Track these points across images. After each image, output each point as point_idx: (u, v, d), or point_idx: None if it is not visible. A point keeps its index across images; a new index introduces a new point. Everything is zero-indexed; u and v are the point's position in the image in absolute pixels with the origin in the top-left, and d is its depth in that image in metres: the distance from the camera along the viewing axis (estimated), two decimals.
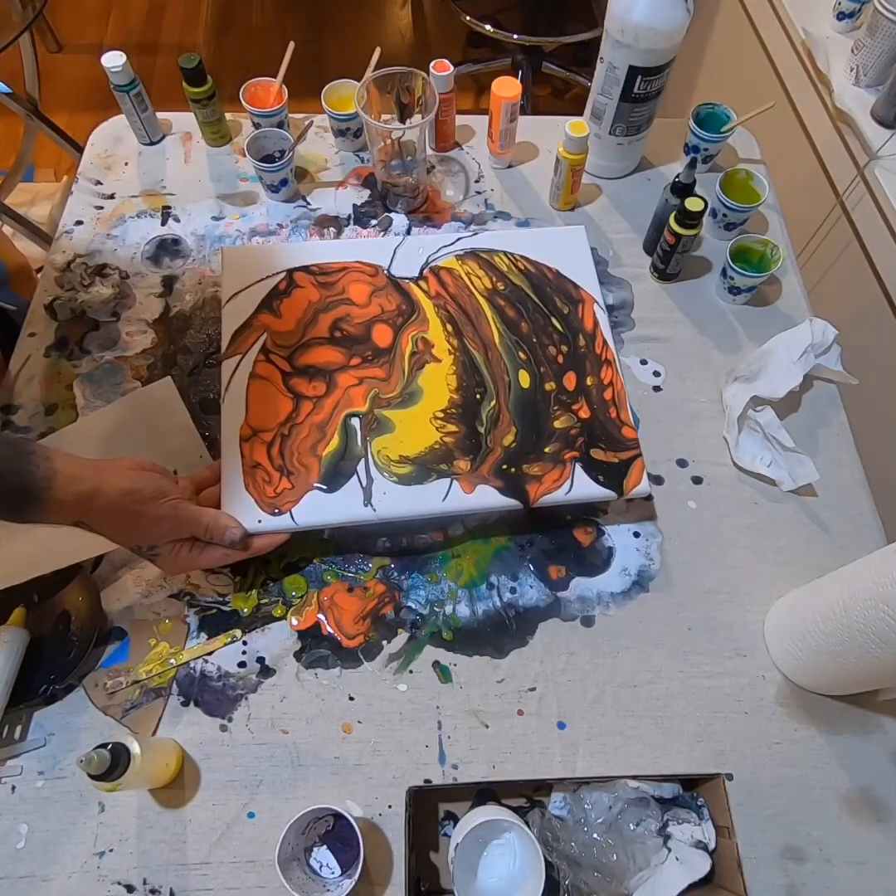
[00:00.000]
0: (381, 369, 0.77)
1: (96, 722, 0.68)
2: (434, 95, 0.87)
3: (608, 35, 0.87)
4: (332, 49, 2.39)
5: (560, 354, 0.80)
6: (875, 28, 1.06)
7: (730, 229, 0.95)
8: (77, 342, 0.88)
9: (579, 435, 0.76)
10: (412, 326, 0.81)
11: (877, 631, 0.56)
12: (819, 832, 0.66)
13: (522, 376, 0.78)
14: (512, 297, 0.84)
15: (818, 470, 0.80)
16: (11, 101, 1.62)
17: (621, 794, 0.63)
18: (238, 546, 0.69)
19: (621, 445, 0.76)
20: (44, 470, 0.59)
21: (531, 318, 0.82)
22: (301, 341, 0.79)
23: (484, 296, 0.83)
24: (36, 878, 0.63)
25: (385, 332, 0.80)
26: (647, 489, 0.75)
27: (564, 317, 0.82)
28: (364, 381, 0.77)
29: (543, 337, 0.81)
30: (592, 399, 0.78)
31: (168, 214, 0.97)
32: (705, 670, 0.72)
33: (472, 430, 0.74)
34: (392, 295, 0.83)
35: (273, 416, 0.75)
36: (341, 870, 0.63)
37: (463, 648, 0.72)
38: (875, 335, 1.16)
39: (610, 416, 0.78)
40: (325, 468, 0.73)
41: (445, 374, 0.77)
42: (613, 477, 0.75)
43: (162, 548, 0.66)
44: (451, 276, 0.85)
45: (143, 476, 0.65)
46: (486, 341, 0.80)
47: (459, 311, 0.82)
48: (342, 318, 0.81)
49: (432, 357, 0.78)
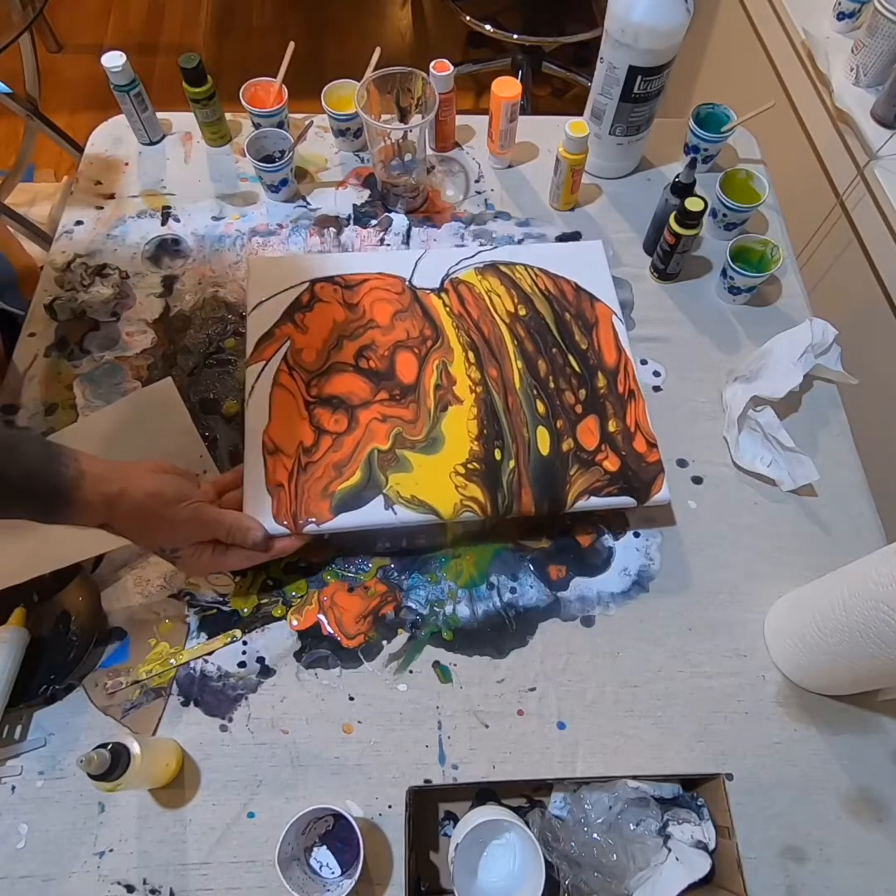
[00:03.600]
0: (408, 410, 0.77)
1: (96, 722, 0.68)
2: (434, 95, 0.87)
3: (608, 35, 0.87)
4: (332, 49, 2.39)
5: (578, 403, 0.78)
6: (875, 28, 1.06)
7: (730, 229, 0.95)
8: (77, 342, 0.88)
9: (606, 485, 0.74)
10: (436, 354, 0.81)
11: (877, 631, 0.56)
12: (819, 832, 0.66)
13: (541, 436, 0.76)
14: (532, 325, 0.83)
15: (818, 470, 0.80)
16: (11, 101, 1.62)
17: (621, 794, 0.63)
18: (260, 548, 0.69)
19: (647, 471, 0.75)
20: (73, 470, 0.59)
21: (550, 355, 0.81)
22: (324, 366, 0.79)
23: (505, 322, 0.83)
24: (36, 878, 0.63)
25: (409, 361, 0.80)
26: (668, 496, 0.75)
27: (583, 354, 0.81)
28: (388, 419, 0.76)
29: (561, 380, 0.79)
30: (619, 446, 0.76)
31: (168, 214, 0.97)
32: (705, 670, 0.72)
33: (493, 498, 0.73)
34: (416, 317, 0.83)
35: (294, 438, 0.75)
36: (341, 870, 0.63)
37: (463, 648, 0.72)
38: (875, 335, 1.16)
39: (638, 451, 0.76)
40: (340, 500, 0.72)
41: (466, 420, 0.77)
42: (635, 488, 0.75)
43: (184, 550, 0.66)
44: (471, 294, 0.85)
45: (166, 478, 0.65)
46: (507, 383, 0.79)
47: (481, 338, 0.82)
48: (367, 345, 0.81)
49: (455, 398, 0.78)
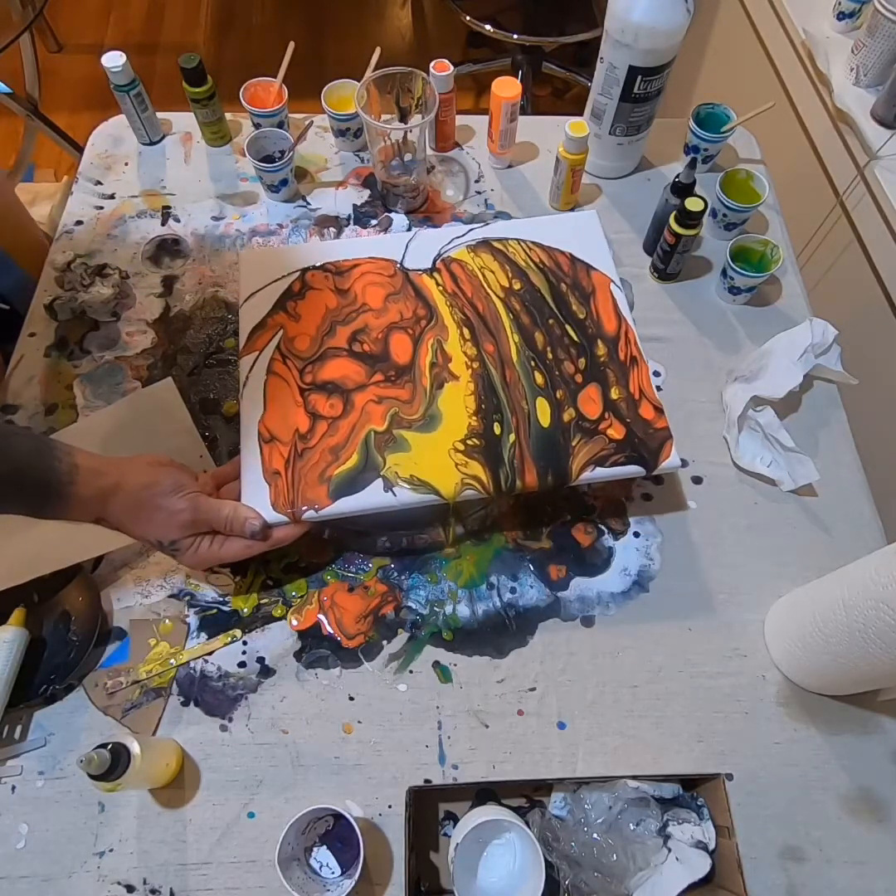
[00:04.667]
0: (404, 390, 0.76)
1: (96, 722, 0.68)
2: (434, 95, 0.87)
3: (608, 35, 0.87)
4: (332, 49, 2.39)
5: (578, 373, 0.77)
6: (875, 28, 1.06)
7: (730, 229, 0.95)
8: (77, 342, 0.88)
9: (612, 454, 0.73)
10: (430, 332, 0.80)
11: (877, 631, 0.56)
12: (819, 832, 0.66)
13: (541, 407, 0.75)
14: (527, 298, 0.82)
15: (818, 470, 0.80)
16: (11, 101, 1.63)
17: (621, 794, 0.63)
18: (258, 537, 0.68)
19: (655, 437, 0.74)
20: (66, 465, 0.59)
21: (546, 326, 0.80)
22: (318, 353, 0.78)
23: (500, 296, 0.82)
24: (36, 878, 0.63)
25: (404, 342, 0.79)
26: (678, 462, 0.73)
27: (580, 324, 0.80)
28: (384, 400, 0.76)
29: (560, 350, 0.78)
30: (623, 413, 0.74)
31: (168, 214, 0.97)
32: (705, 670, 0.72)
33: (495, 474, 0.72)
34: (409, 298, 0.82)
35: (290, 425, 0.74)
36: (341, 870, 0.63)
37: (463, 648, 0.72)
38: (875, 335, 1.16)
39: (644, 418, 0.74)
40: (338, 485, 0.71)
41: (464, 396, 0.76)
42: (643, 456, 0.73)
43: (182, 542, 0.66)
44: (464, 272, 0.83)
45: (162, 470, 0.65)
46: (503, 356, 0.78)
47: (476, 315, 0.81)
48: (360, 329, 0.80)
49: (450, 375, 0.77)
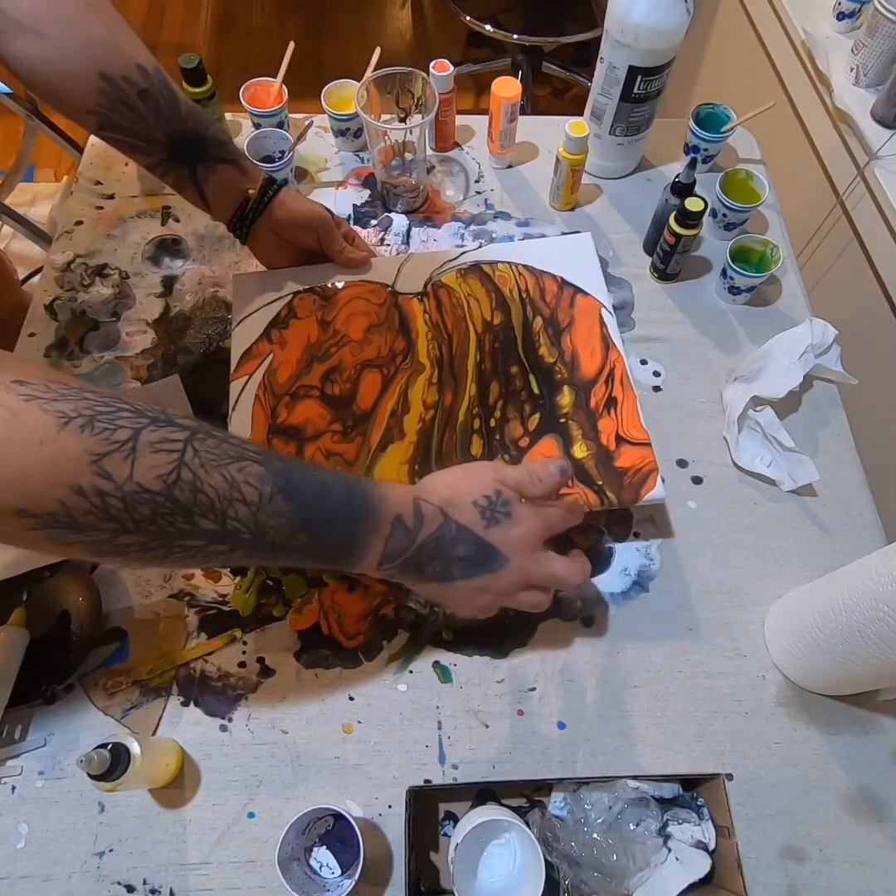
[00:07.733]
0: (352, 445, 0.75)
1: (96, 722, 0.68)
2: (434, 95, 0.87)
3: (608, 35, 0.87)
4: (332, 49, 2.39)
5: (525, 435, 0.75)
6: (875, 28, 1.06)
7: (730, 229, 0.95)
8: (77, 342, 0.88)
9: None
10: (402, 372, 0.79)
11: (877, 631, 0.56)
12: (819, 832, 0.66)
13: None
14: (500, 337, 0.81)
15: (818, 470, 0.80)
16: (11, 101, 1.62)
17: (621, 794, 0.63)
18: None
19: (635, 482, 0.72)
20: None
21: (507, 375, 0.78)
22: (293, 388, 0.78)
23: (477, 332, 0.81)
24: (36, 878, 0.63)
25: (374, 383, 0.78)
26: (663, 494, 0.72)
27: (548, 370, 0.78)
28: (331, 456, 0.75)
29: (510, 408, 0.76)
30: (592, 476, 0.72)
31: (168, 214, 0.97)
32: (705, 670, 0.72)
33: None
34: (391, 330, 0.81)
35: None
36: (341, 870, 0.63)
37: (463, 648, 0.72)
38: (875, 335, 1.16)
39: (620, 468, 0.72)
40: None
41: (399, 464, 0.74)
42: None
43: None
44: (450, 300, 0.83)
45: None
46: (452, 415, 0.76)
47: (449, 354, 0.80)
48: (335, 367, 0.79)
49: (399, 433, 0.75)
